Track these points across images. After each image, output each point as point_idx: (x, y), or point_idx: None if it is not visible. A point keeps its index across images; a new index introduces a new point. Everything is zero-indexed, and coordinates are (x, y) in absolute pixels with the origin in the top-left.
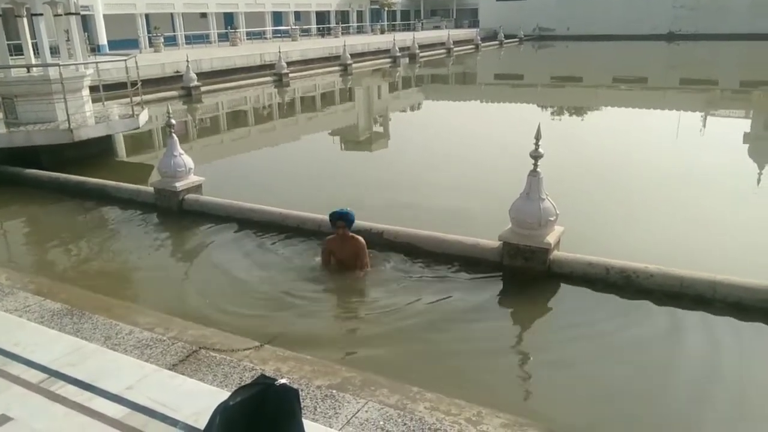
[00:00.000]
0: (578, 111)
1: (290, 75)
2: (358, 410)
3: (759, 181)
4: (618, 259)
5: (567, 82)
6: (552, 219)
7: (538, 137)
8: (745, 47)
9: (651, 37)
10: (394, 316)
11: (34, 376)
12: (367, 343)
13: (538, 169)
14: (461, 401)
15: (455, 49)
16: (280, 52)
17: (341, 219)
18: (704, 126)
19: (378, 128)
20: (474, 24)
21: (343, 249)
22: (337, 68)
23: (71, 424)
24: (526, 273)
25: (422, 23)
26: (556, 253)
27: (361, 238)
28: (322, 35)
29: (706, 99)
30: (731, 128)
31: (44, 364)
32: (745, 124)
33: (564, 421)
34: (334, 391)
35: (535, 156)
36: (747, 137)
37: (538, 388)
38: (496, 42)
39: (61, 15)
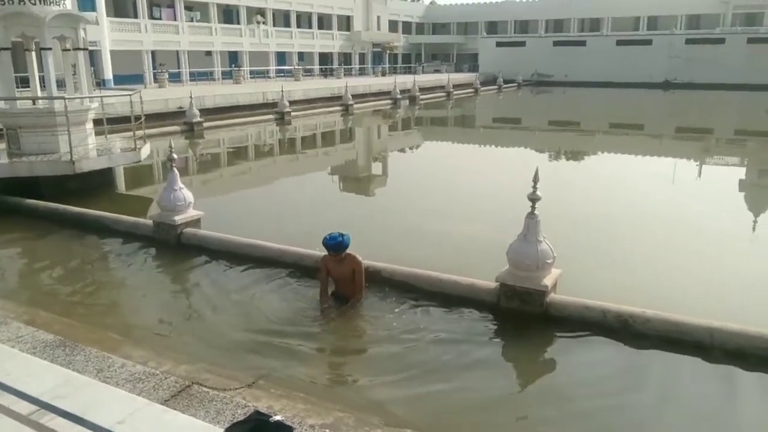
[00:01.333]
0: (575, 156)
1: (292, 113)
2: None
3: (754, 228)
4: (614, 303)
5: (564, 127)
6: (549, 261)
7: (536, 180)
8: (739, 96)
9: (647, 85)
10: (388, 357)
11: (24, 407)
12: (361, 383)
13: (536, 212)
14: None
15: (455, 92)
16: (282, 90)
17: (332, 249)
18: (700, 173)
19: (377, 168)
20: (474, 68)
21: (339, 267)
22: (338, 108)
23: None
24: (522, 315)
25: (423, 67)
26: (553, 296)
27: (358, 257)
28: (325, 76)
29: (702, 147)
30: (726, 176)
31: (35, 396)
32: (740, 172)
33: None
34: (327, 431)
35: (533, 198)
36: (742, 185)
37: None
38: (495, 86)
39: (69, 50)
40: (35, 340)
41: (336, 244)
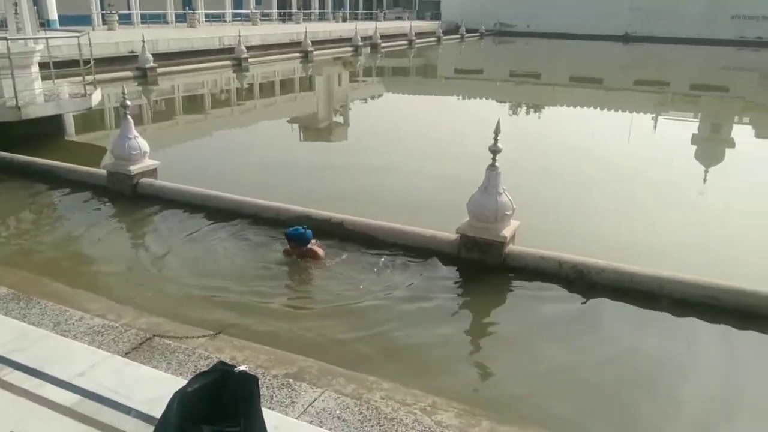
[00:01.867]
0: (535, 108)
1: (250, 60)
2: (315, 399)
3: (705, 180)
4: (571, 254)
5: (525, 79)
6: (508, 213)
7: (497, 132)
8: (697, 51)
9: (608, 38)
10: (351, 307)
11: None
12: (324, 333)
13: (497, 164)
14: (417, 391)
15: (417, 40)
16: (239, 35)
17: (294, 240)
18: (655, 127)
19: (338, 117)
20: (436, 16)
21: (301, 259)
22: (297, 55)
23: (20, 410)
24: (481, 266)
25: (384, 13)
26: (511, 247)
27: (320, 250)
28: (283, 21)
29: (658, 100)
30: (681, 130)
31: None
32: (693, 126)
33: (515, 413)
34: (290, 380)
35: (494, 150)
36: (695, 138)
37: (491, 379)
38: (458, 36)
39: None
40: None
41: (298, 235)
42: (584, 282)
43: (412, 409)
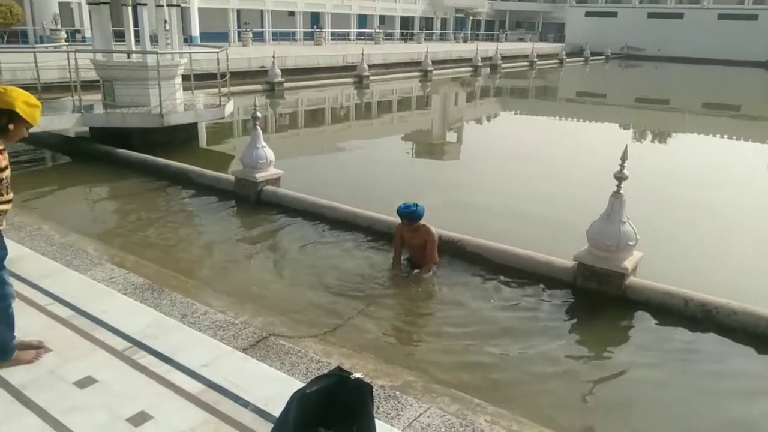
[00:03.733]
0: (662, 135)
1: (371, 77)
2: (420, 414)
3: None
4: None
5: (653, 104)
6: (631, 243)
7: (624, 158)
8: None
9: (749, 63)
10: (459, 325)
11: (119, 343)
12: (430, 349)
13: (622, 191)
14: (523, 419)
15: (538, 62)
16: (362, 54)
17: (405, 218)
18: None
19: (452, 136)
20: (560, 38)
21: (413, 236)
22: (417, 74)
23: (150, 392)
24: (599, 296)
25: (506, 34)
26: (632, 279)
27: (431, 228)
28: (405, 40)
29: None
30: None
31: (128, 334)
32: None
33: None
34: (397, 392)
35: (620, 177)
36: None
37: (599, 416)
38: (582, 58)
39: (162, 6)
40: (126, 281)
41: (410, 213)
42: (712, 323)
43: None
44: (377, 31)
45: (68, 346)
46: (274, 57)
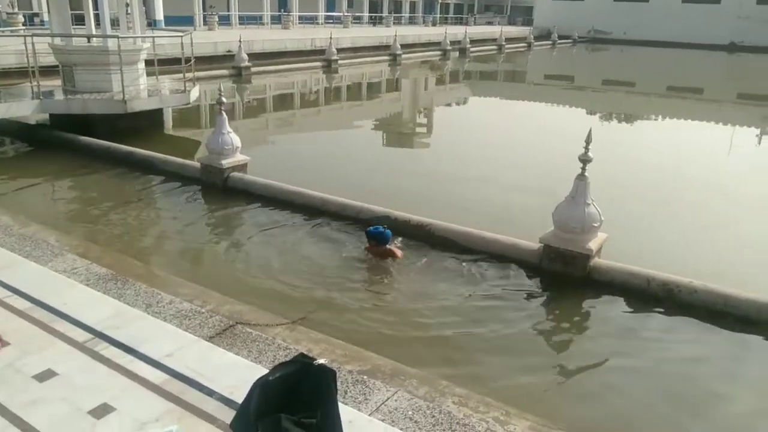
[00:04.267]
0: (628, 118)
1: (339, 62)
2: (388, 398)
3: None
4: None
5: (619, 87)
6: (596, 225)
7: (588, 141)
8: None
9: (712, 47)
10: (426, 309)
11: (80, 335)
12: (398, 333)
13: (586, 173)
14: (490, 399)
15: (507, 46)
16: (331, 38)
17: (373, 239)
18: (759, 143)
19: (422, 120)
20: (528, 22)
21: (380, 258)
22: (386, 58)
23: (113, 383)
24: (564, 278)
25: (475, 18)
26: (596, 260)
27: (398, 252)
28: (374, 24)
29: (763, 114)
30: None
31: (90, 325)
32: None
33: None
34: (365, 377)
35: (584, 159)
36: None
37: (566, 394)
38: (549, 42)
39: None
40: (89, 272)
41: (378, 234)
42: (674, 301)
43: (485, 417)
44: (345, 14)
45: (26, 339)
46: (240, 41)
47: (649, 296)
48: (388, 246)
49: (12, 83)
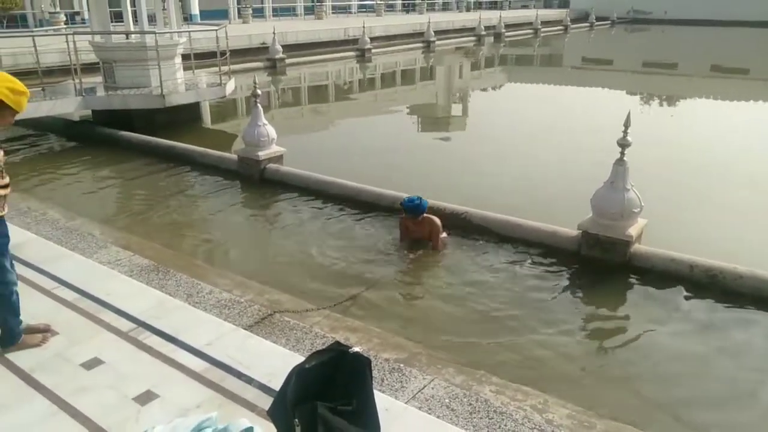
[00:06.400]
0: (670, 100)
1: (373, 51)
2: (425, 386)
3: None
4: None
5: (660, 69)
6: (636, 211)
7: (627, 125)
8: None
9: (755, 23)
10: (464, 297)
11: (124, 325)
12: (435, 321)
13: (625, 158)
14: (527, 388)
15: (543, 29)
16: (364, 27)
17: (409, 211)
18: None
19: (457, 107)
20: (564, 4)
21: (417, 227)
22: (419, 45)
23: (156, 371)
24: (603, 264)
25: (510, 2)
26: (637, 246)
27: (435, 219)
28: (407, 11)
29: None
30: None
31: (133, 315)
32: None
33: (629, 420)
34: (401, 365)
35: (623, 144)
36: None
37: (607, 382)
38: (587, 24)
39: None
40: (132, 263)
41: (413, 206)
42: (718, 288)
43: (522, 405)
44: (378, 2)
45: (74, 329)
46: (274, 33)
47: (692, 283)
48: (425, 215)
49: (55, 81)
